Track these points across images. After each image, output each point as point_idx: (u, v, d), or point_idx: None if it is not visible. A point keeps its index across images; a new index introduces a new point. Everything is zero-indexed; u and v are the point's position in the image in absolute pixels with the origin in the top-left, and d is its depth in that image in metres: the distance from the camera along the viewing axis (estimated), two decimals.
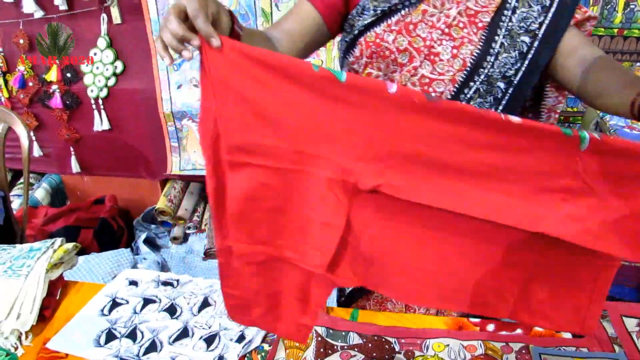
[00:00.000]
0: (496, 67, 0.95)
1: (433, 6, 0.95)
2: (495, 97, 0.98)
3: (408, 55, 0.97)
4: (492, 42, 0.95)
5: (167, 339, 1.14)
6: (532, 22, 0.94)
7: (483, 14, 0.94)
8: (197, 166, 2.32)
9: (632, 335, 1.12)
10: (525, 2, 0.94)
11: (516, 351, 1.08)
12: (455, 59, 0.95)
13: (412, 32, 0.96)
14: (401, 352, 1.09)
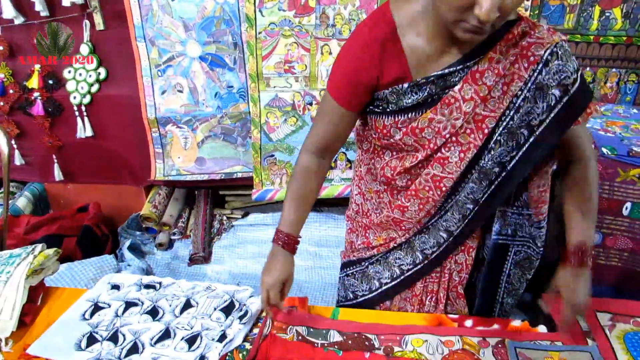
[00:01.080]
0: (490, 160, 1.04)
1: (441, 114, 1.00)
2: (490, 179, 1.07)
3: (414, 150, 1.08)
4: (490, 141, 1.02)
5: (148, 340, 1.14)
6: (534, 118, 0.99)
7: (490, 119, 1.00)
8: (182, 172, 2.32)
9: (604, 329, 1.15)
10: (532, 99, 0.98)
11: (492, 345, 1.10)
12: (462, 162, 1.04)
13: (418, 135, 1.03)
14: (381, 348, 1.10)
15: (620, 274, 1.69)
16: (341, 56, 1.03)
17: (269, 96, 2.16)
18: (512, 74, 0.96)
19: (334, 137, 1.10)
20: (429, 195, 1.10)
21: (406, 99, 1.00)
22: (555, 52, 0.93)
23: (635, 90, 2.20)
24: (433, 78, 0.97)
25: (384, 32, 0.96)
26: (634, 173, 1.56)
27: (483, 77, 0.96)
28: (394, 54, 0.97)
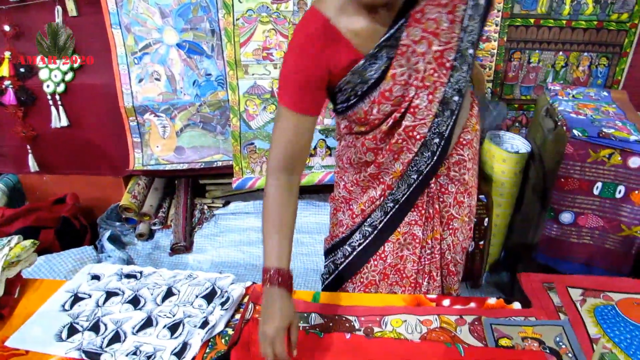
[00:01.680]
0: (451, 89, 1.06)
1: (399, 66, 1.01)
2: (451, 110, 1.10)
3: (393, 116, 1.08)
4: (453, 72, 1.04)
5: (130, 329, 1.15)
6: (474, 35, 1.02)
7: (448, 51, 1.01)
8: (161, 161, 2.30)
9: (576, 304, 1.20)
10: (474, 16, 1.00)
11: (469, 323, 1.14)
12: (432, 103, 1.06)
13: (389, 97, 1.05)
14: (361, 329, 1.13)
15: (591, 251, 1.74)
16: (285, 65, 1.02)
17: (248, 84, 2.15)
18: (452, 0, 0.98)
19: (298, 148, 1.04)
20: (403, 145, 1.12)
21: (369, 72, 1.02)
22: None
23: (605, 73, 2.25)
24: (383, 43, 0.99)
25: (317, 27, 0.98)
26: (604, 154, 1.60)
27: (425, 14, 0.97)
28: (337, 42, 0.99)
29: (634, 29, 2.13)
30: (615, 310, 1.17)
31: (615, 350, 1.05)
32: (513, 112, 2.35)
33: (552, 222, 1.76)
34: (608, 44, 2.18)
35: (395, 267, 1.28)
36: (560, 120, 1.77)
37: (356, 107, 1.09)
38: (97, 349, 1.09)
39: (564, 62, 2.24)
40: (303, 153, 1.06)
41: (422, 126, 1.08)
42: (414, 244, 1.25)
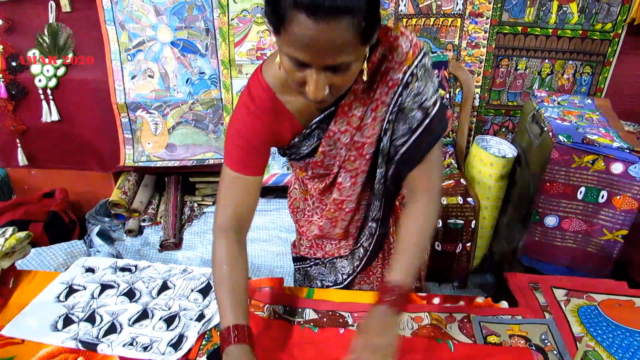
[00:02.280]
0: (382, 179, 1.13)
1: (328, 146, 1.08)
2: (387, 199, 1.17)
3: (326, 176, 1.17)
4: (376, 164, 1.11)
5: (126, 321, 1.16)
6: (397, 139, 1.04)
7: (368, 145, 1.07)
8: (152, 158, 2.30)
9: (560, 304, 1.24)
10: (398, 120, 1.03)
11: (459, 320, 1.17)
12: (355, 185, 1.14)
13: (322, 165, 1.13)
14: (354, 324, 1.15)
15: (573, 254, 1.79)
16: (232, 130, 1.03)
17: (241, 83, 2.16)
18: (377, 100, 1.01)
19: (246, 208, 1.03)
20: (336, 215, 1.21)
21: (302, 147, 1.09)
22: (415, 74, 0.97)
23: (589, 81, 2.32)
24: (314, 125, 1.05)
25: (266, 100, 0.99)
26: (588, 159, 1.66)
27: (352, 109, 1.01)
28: (283, 116, 1.02)
29: (617, 39, 2.21)
30: (598, 311, 1.21)
31: (598, 348, 1.09)
32: (500, 117, 2.41)
33: (537, 225, 1.81)
34: (592, 53, 2.26)
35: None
36: (546, 126, 1.82)
37: (295, 163, 1.18)
38: (93, 339, 1.09)
39: (549, 69, 2.31)
40: (250, 211, 1.05)
41: (349, 202, 1.17)
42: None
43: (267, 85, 0.98)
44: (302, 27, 0.73)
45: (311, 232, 1.31)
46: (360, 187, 1.15)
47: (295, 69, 0.82)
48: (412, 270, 1.00)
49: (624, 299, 1.26)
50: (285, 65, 0.83)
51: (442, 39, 2.26)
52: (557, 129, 1.76)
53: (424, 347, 1.08)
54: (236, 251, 1.00)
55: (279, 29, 0.77)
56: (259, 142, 1.02)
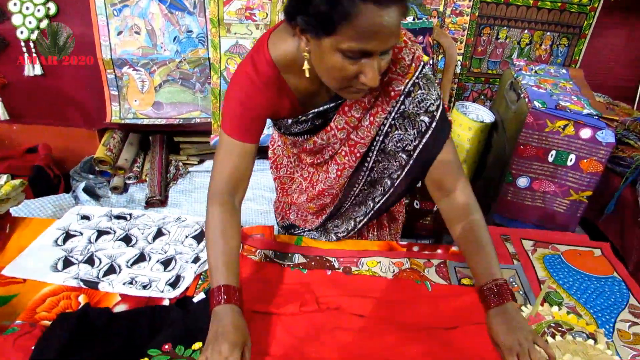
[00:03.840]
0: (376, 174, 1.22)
1: (321, 139, 1.16)
2: (384, 189, 1.25)
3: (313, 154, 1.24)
4: (365, 162, 1.19)
5: (124, 263, 1.21)
6: (408, 144, 1.13)
7: (361, 145, 1.15)
8: (139, 115, 2.31)
9: (527, 253, 1.35)
10: (402, 127, 1.11)
11: (436, 265, 1.27)
12: (339, 178, 1.22)
13: (308, 151, 1.21)
14: (340, 268, 1.24)
15: (542, 213, 1.92)
16: (232, 98, 1.04)
17: (230, 42, 2.17)
18: (377, 106, 1.09)
19: (241, 173, 1.06)
20: (318, 200, 1.31)
21: (293, 128, 1.16)
22: (417, 84, 1.07)
23: (565, 53, 2.42)
24: (312, 115, 1.12)
25: (271, 75, 1.01)
26: (560, 124, 1.76)
27: (352, 110, 1.10)
28: (284, 93, 1.07)
29: (593, 12, 2.30)
30: (561, 259, 1.33)
31: (559, 290, 1.21)
32: (480, 85, 2.50)
33: (510, 186, 1.92)
34: (569, 25, 2.35)
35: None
36: (522, 92, 1.92)
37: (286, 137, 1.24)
38: (94, 278, 1.15)
39: (528, 39, 2.40)
40: (245, 178, 1.08)
41: (330, 189, 1.26)
42: None
43: (273, 62, 1.00)
44: (372, 16, 0.80)
45: (292, 191, 1.39)
46: (344, 180, 1.23)
47: (350, 63, 0.86)
48: (494, 262, 1.05)
49: (585, 250, 1.39)
50: (338, 62, 0.86)
51: (427, 5, 2.31)
52: (533, 96, 1.85)
53: (404, 288, 1.18)
54: (229, 215, 1.03)
55: (336, 28, 0.81)
56: (259, 113, 1.06)
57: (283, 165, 1.40)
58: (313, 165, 1.29)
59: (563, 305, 1.15)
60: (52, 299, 1.09)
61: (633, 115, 2.17)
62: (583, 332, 1.05)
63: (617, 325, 1.11)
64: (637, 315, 1.14)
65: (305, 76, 0.96)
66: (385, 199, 1.27)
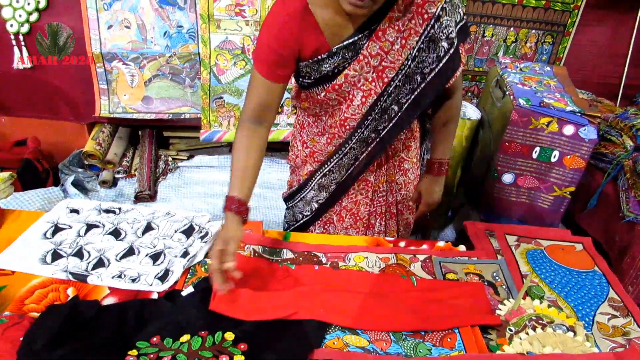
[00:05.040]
0: (390, 100, 1.22)
1: (354, 70, 1.17)
2: (389, 115, 1.25)
3: (336, 102, 1.26)
4: (389, 87, 1.20)
5: (114, 256, 1.22)
6: (425, 67, 1.16)
7: (390, 69, 1.17)
8: (128, 110, 2.30)
9: (511, 248, 1.39)
10: (426, 49, 1.14)
11: (421, 261, 1.30)
12: (363, 105, 1.22)
13: (337, 90, 1.21)
14: (327, 263, 1.26)
15: (526, 209, 1.96)
16: (262, 34, 1.13)
17: (219, 38, 2.18)
18: (409, 29, 1.12)
19: (264, 108, 1.17)
20: (335, 132, 1.30)
21: (325, 64, 1.17)
22: (445, 8, 1.10)
23: (550, 50, 2.46)
24: (346, 45, 1.13)
25: (298, 8, 1.08)
26: (544, 121, 1.80)
27: (385, 34, 1.13)
28: (310, 27, 1.11)
29: (576, 11, 2.34)
30: (543, 254, 1.37)
31: (541, 284, 1.24)
32: (467, 82, 2.53)
33: (495, 182, 1.95)
34: (553, 23, 2.39)
35: (350, 211, 1.44)
36: (508, 90, 1.95)
37: (310, 89, 1.25)
38: (82, 271, 1.15)
39: (514, 37, 2.43)
40: (272, 109, 1.19)
41: (352, 119, 1.26)
42: (366, 188, 1.42)
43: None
44: None
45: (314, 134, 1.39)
46: (367, 108, 1.23)
47: None
48: (449, 146, 1.39)
49: (567, 244, 1.42)
50: None
51: None
52: (518, 93, 1.88)
53: (390, 282, 1.20)
54: (253, 140, 1.16)
55: None
56: (285, 51, 1.12)
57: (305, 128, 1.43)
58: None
59: (544, 299, 1.18)
60: (41, 291, 1.10)
61: (615, 112, 2.22)
62: (563, 324, 1.09)
63: (596, 318, 1.14)
64: (616, 308, 1.18)
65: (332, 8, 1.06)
66: (391, 126, 1.27)
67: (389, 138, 1.29)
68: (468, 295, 1.17)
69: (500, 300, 1.17)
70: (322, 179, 1.40)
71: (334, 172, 1.38)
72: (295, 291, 1.12)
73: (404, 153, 1.43)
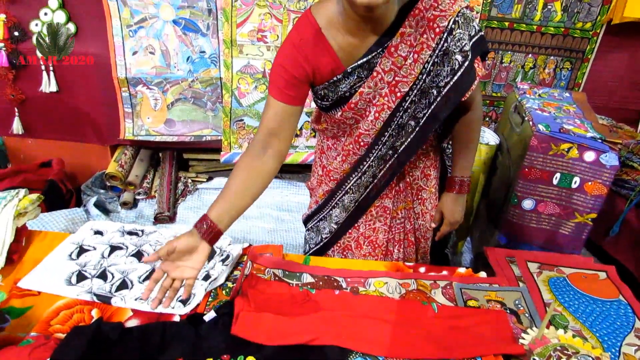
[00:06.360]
0: (407, 115, 1.22)
1: (368, 87, 1.19)
2: (406, 131, 1.24)
3: (353, 121, 1.27)
4: (403, 102, 1.20)
5: (137, 278, 1.23)
6: (441, 80, 1.16)
7: (403, 84, 1.18)
8: (151, 132, 2.36)
9: (533, 275, 1.37)
10: (441, 63, 1.15)
11: (442, 287, 1.28)
12: (377, 120, 1.23)
13: (354, 108, 1.23)
14: (347, 288, 1.26)
15: (547, 236, 1.93)
16: (277, 57, 1.16)
17: (242, 62, 2.23)
18: (422, 44, 1.14)
19: (274, 133, 1.14)
20: (349, 148, 1.31)
21: (341, 85, 1.19)
22: (457, 22, 1.11)
23: (568, 76, 2.46)
24: (360, 64, 1.16)
25: (310, 33, 1.12)
26: (564, 147, 1.79)
27: (398, 50, 1.14)
28: (325, 50, 1.14)
29: (595, 37, 2.35)
30: (566, 281, 1.34)
31: (565, 313, 1.22)
32: (485, 107, 2.54)
33: (515, 208, 1.94)
34: (572, 50, 2.39)
35: (368, 238, 1.44)
36: (527, 115, 1.95)
37: (329, 110, 1.27)
38: (107, 293, 1.17)
39: (532, 63, 2.44)
40: (282, 135, 1.15)
41: (366, 135, 1.27)
42: (385, 215, 1.42)
43: (315, 20, 1.12)
44: None
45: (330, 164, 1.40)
46: (381, 124, 1.23)
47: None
48: (470, 163, 1.38)
49: (590, 273, 1.40)
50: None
51: None
52: (537, 119, 1.88)
53: (410, 308, 1.19)
54: (251, 165, 1.12)
55: None
56: (298, 72, 1.14)
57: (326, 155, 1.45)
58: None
59: (569, 329, 1.16)
60: (66, 312, 1.11)
61: (637, 138, 2.20)
62: (589, 355, 1.06)
63: (623, 349, 1.11)
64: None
65: (344, 30, 1.09)
66: (408, 142, 1.26)
67: (406, 155, 1.29)
68: (490, 323, 1.15)
69: (524, 328, 1.15)
70: (343, 197, 1.40)
71: (353, 191, 1.38)
72: (316, 316, 1.12)
73: (422, 181, 1.43)
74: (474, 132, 1.35)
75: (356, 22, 1.08)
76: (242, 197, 1.09)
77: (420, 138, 1.25)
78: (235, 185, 1.09)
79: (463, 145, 1.36)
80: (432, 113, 1.20)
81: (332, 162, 1.39)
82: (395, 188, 1.39)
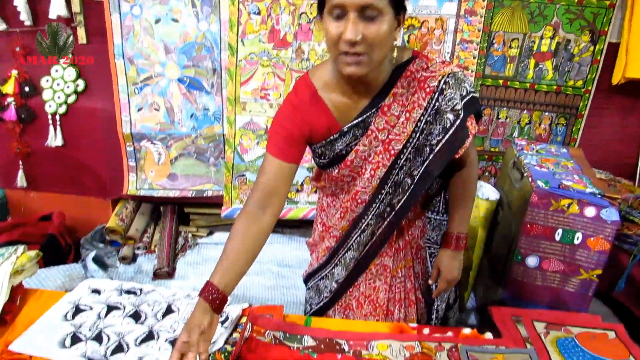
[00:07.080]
0: (402, 173, 1.24)
1: (363, 145, 1.23)
2: (403, 188, 1.26)
3: (350, 178, 1.29)
4: (398, 160, 1.23)
5: (133, 341, 1.20)
6: (433, 138, 1.20)
7: (396, 142, 1.22)
8: (154, 186, 2.37)
9: (540, 335, 1.33)
10: (434, 121, 1.19)
11: (447, 349, 1.25)
12: (373, 178, 1.26)
13: (350, 166, 1.26)
14: (350, 351, 1.22)
15: (553, 294, 1.89)
16: (276, 116, 1.21)
17: (245, 119, 2.28)
18: (413, 103, 1.18)
19: (271, 192, 1.15)
20: (347, 206, 1.32)
21: (337, 143, 1.23)
22: (448, 82, 1.16)
23: (564, 132, 2.51)
24: (355, 123, 1.20)
25: (307, 94, 1.18)
26: (564, 203, 1.79)
27: (391, 109, 1.19)
28: (321, 111, 1.19)
29: (587, 94, 2.42)
30: (574, 342, 1.31)
31: None
32: (483, 162, 2.56)
33: (519, 266, 1.91)
34: (566, 106, 2.45)
35: (368, 297, 1.42)
36: (526, 172, 1.96)
37: (327, 168, 1.31)
38: (101, 357, 1.13)
39: (528, 119, 2.50)
40: (279, 194, 1.17)
41: (363, 192, 1.28)
42: (385, 274, 1.40)
43: (311, 82, 1.18)
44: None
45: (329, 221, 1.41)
46: (377, 181, 1.25)
47: (336, 26, 1.00)
48: (466, 220, 1.38)
49: (599, 332, 1.36)
50: (328, 26, 1.01)
51: None
52: (536, 175, 1.90)
53: None
54: (249, 227, 1.12)
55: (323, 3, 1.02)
56: (296, 131, 1.17)
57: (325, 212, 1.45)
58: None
59: None
60: None
61: (636, 193, 2.20)
62: None
63: None
64: None
65: (340, 92, 1.16)
66: (405, 199, 1.26)
67: (402, 211, 1.30)
68: None
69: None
70: (346, 254, 1.39)
71: (352, 249, 1.37)
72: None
73: (422, 241, 1.43)
74: (470, 188, 1.37)
75: (350, 84, 1.15)
76: (245, 260, 1.11)
77: (416, 194, 1.27)
78: (237, 247, 1.10)
79: (459, 201, 1.37)
80: (426, 169, 1.22)
81: (331, 219, 1.40)
82: (395, 246, 1.39)
